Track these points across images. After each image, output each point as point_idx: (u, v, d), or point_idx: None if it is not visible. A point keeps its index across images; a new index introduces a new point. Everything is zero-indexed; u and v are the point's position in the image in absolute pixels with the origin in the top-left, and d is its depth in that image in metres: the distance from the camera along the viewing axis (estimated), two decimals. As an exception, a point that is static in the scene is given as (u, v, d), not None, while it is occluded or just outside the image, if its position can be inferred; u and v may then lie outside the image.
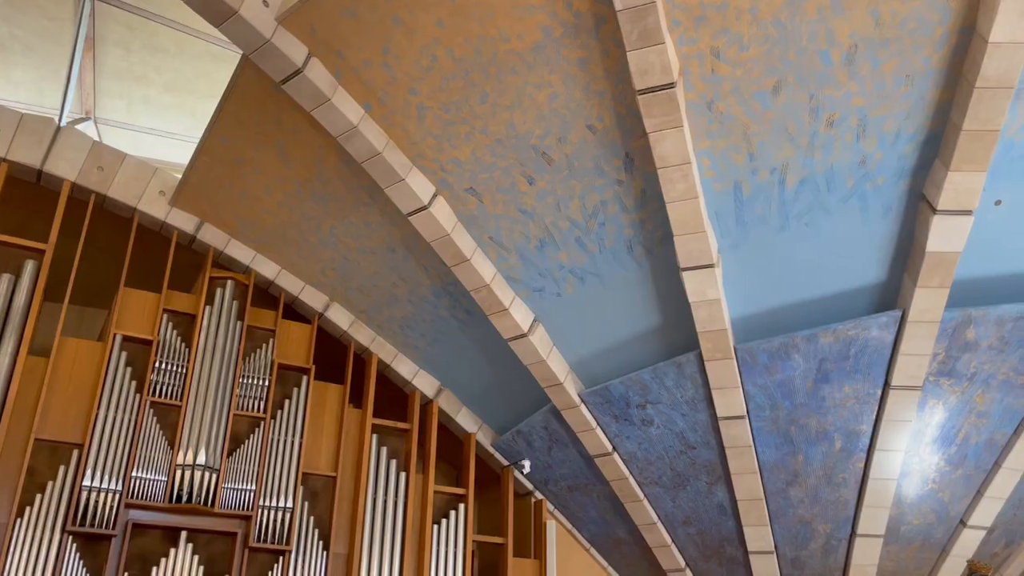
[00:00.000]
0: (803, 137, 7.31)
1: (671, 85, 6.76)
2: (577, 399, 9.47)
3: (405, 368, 10.88)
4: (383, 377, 10.85)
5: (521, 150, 7.85)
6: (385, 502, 9.93)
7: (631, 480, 9.87)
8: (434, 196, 8.40)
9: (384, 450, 10.18)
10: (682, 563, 10.35)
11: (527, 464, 10.36)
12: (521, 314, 9.04)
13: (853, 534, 9.47)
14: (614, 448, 9.71)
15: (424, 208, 8.36)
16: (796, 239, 7.94)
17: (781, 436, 9.02)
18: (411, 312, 10.18)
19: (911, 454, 9.01)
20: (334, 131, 7.94)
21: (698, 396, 8.92)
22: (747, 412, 8.81)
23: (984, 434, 8.96)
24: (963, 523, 9.54)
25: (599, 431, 9.63)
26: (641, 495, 9.96)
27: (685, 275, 7.94)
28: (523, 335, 9.06)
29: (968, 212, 7.31)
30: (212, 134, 8.88)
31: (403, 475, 10.13)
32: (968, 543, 9.62)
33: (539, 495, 10.95)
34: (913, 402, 8.52)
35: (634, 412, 9.32)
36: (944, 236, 7.48)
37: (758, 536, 9.66)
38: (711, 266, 7.86)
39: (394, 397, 10.92)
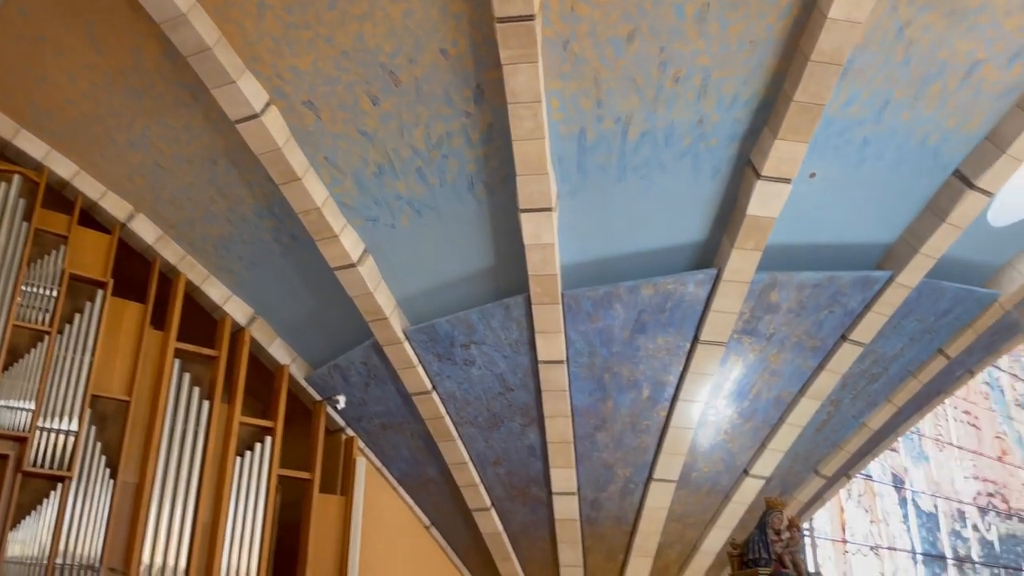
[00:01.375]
0: (649, 90, 7.44)
1: (530, 17, 6.61)
2: (401, 335, 9.27)
3: (216, 292, 10.17)
4: (191, 300, 10.09)
5: (368, 66, 7.44)
6: (184, 431, 9.28)
7: (447, 419, 9.85)
8: (267, 105, 7.80)
9: (187, 377, 9.49)
10: (488, 502, 10.51)
11: (342, 400, 10.06)
12: (351, 243, 8.66)
13: (650, 479, 10.01)
14: (434, 387, 9.63)
15: (255, 116, 7.74)
16: (631, 191, 8.14)
17: (595, 382, 9.32)
18: (229, 232, 9.49)
19: (709, 406, 9.62)
20: (158, 17, 7.12)
21: (522, 339, 9.00)
22: (567, 357, 9.01)
23: (774, 391, 9.73)
24: (746, 472, 10.36)
25: (420, 369, 9.50)
26: (455, 434, 9.98)
27: (523, 217, 7.92)
28: (351, 265, 8.70)
29: (787, 180, 7.79)
30: (8, 2, 7.71)
31: (206, 404, 9.50)
32: (749, 491, 10.47)
33: (351, 432, 10.69)
34: (717, 357, 9.08)
35: (458, 352, 9.26)
36: (763, 201, 7.94)
37: (563, 478, 9.97)
38: (549, 210, 7.88)
39: (202, 322, 10.18)
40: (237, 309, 10.26)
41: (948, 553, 19.08)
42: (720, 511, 10.60)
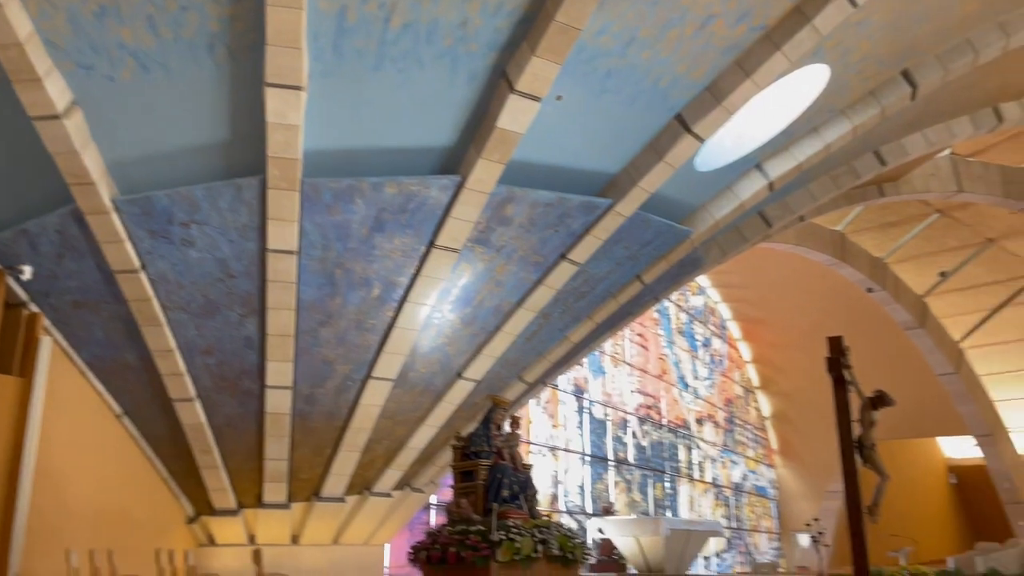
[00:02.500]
0: (423, -20, 7.19)
1: None
2: (109, 205, 8.24)
3: None
4: None
5: None
6: None
7: (155, 303, 9.05)
8: (-41, -98, 6.35)
9: None
10: (193, 393, 9.93)
11: (27, 271, 8.79)
12: (58, 90, 7.44)
13: (368, 376, 10.10)
14: (143, 266, 8.76)
15: (-59, -87, 6.28)
16: (386, 83, 7.89)
17: (325, 277, 9.11)
18: None
19: (435, 310, 9.87)
20: None
21: (251, 224, 8.47)
22: (299, 249, 8.67)
23: (495, 300, 10.21)
24: (460, 375, 10.84)
25: (129, 245, 8.56)
26: (163, 320, 9.22)
27: (269, 92, 7.33)
28: (55, 116, 7.49)
29: (538, 99, 8.04)
30: None
31: None
32: (459, 392, 10.99)
33: (35, 307, 9.42)
34: (450, 263, 9.29)
35: (175, 230, 8.49)
36: (513, 116, 8.14)
37: (279, 372, 9.71)
38: (298, 88, 7.38)
39: None
40: None
41: (610, 456, 21.72)
42: (431, 410, 11.03)
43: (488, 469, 6.56)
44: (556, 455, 19.05)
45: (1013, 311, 29.19)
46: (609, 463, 21.58)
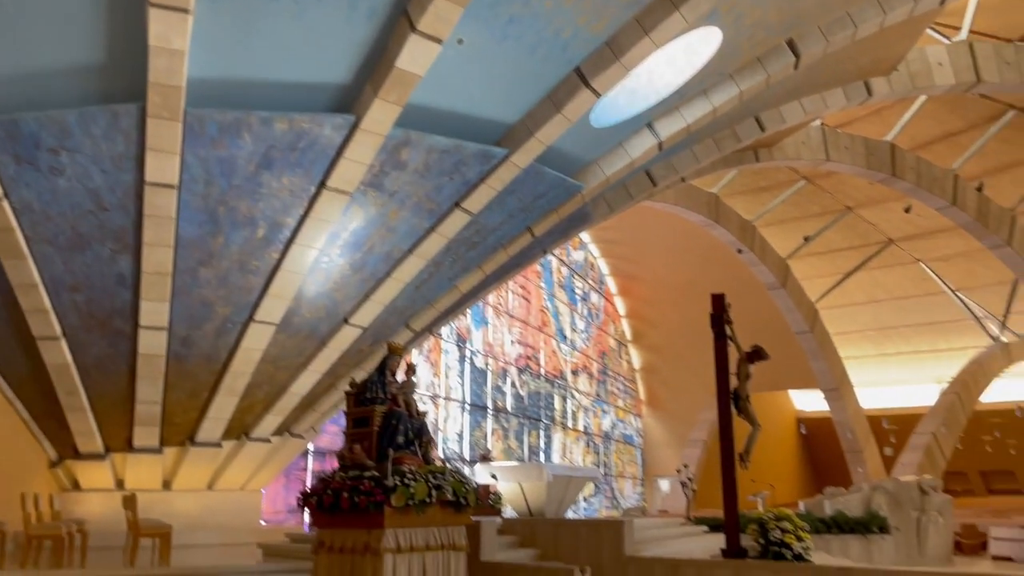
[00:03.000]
0: (322, -94, 6.84)
1: None
2: (-34, 125, 7.54)
3: None
4: None
5: None
6: None
7: (18, 233, 8.38)
8: None
9: None
10: (58, 331, 9.33)
11: None
12: (-95, -8, 6.69)
13: (250, 320, 9.78)
14: (5, 194, 8.06)
15: None
16: (281, 13, 7.50)
17: (208, 214, 8.69)
18: None
19: (323, 254, 9.62)
20: None
21: (128, 154, 7.94)
22: (180, 183, 8.22)
23: (386, 247, 10.05)
24: (346, 321, 10.66)
25: (-12, 170, 7.89)
26: (27, 252, 8.56)
27: (152, 12, 6.81)
28: (-98, 21, 6.74)
29: (439, 41, 7.84)
30: None
31: None
32: (345, 339, 10.82)
33: None
34: (341, 205, 9.04)
35: (43, 157, 7.85)
36: (413, 57, 7.91)
37: (154, 311, 9.24)
38: (185, 11, 6.89)
39: None
40: None
41: (489, 404, 22.04)
42: (315, 356, 10.82)
43: (383, 415, 6.50)
44: (437, 403, 19.17)
45: (864, 275, 31.38)
46: (488, 411, 21.92)
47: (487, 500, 13.46)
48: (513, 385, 23.41)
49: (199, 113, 7.78)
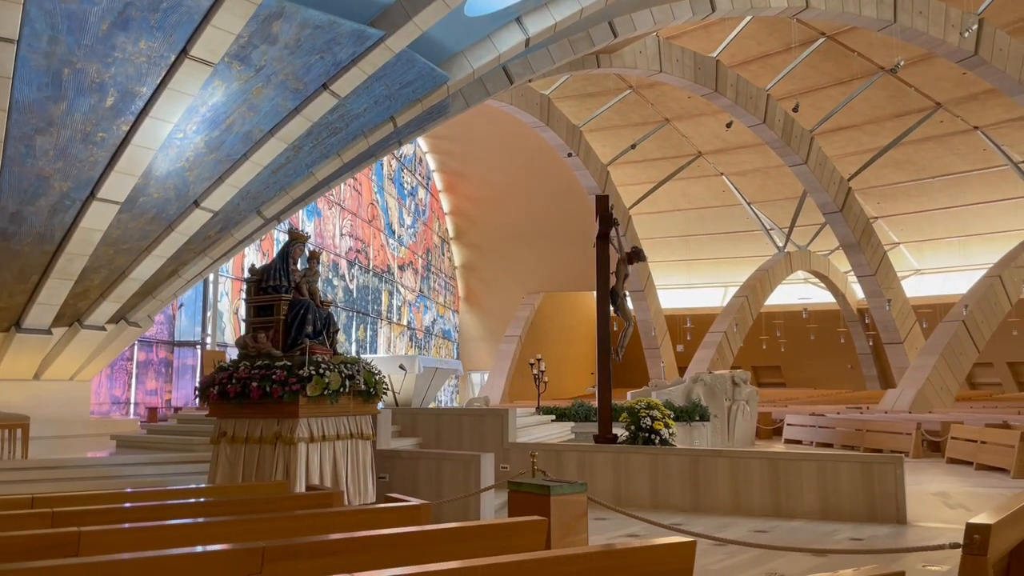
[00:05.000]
0: None
1: None
2: None
3: None
4: None
5: None
6: None
7: None
8: None
9: None
10: None
11: None
12: None
13: (91, 197, 8.95)
14: None
15: None
16: None
17: (50, 76, 7.74)
18: None
19: (178, 129, 8.89)
20: None
21: (-45, -3, 6.85)
22: (19, 37, 7.22)
23: (247, 126, 9.44)
24: (197, 204, 10.00)
25: None
26: None
27: None
28: None
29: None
30: None
31: None
32: (194, 222, 10.18)
33: None
34: (202, 77, 8.35)
35: None
36: (298, -79, 7.35)
37: (-23, 184, 8.23)
38: None
39: None
40: None
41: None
42: (160, 240, 10.12)
43: (289, 304, 6.27)
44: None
45: (672, 184, 33.41)
46: (315, 304, 21.49)
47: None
48: (343, 278, 23.09)
49: (46, -43, 6.83)
